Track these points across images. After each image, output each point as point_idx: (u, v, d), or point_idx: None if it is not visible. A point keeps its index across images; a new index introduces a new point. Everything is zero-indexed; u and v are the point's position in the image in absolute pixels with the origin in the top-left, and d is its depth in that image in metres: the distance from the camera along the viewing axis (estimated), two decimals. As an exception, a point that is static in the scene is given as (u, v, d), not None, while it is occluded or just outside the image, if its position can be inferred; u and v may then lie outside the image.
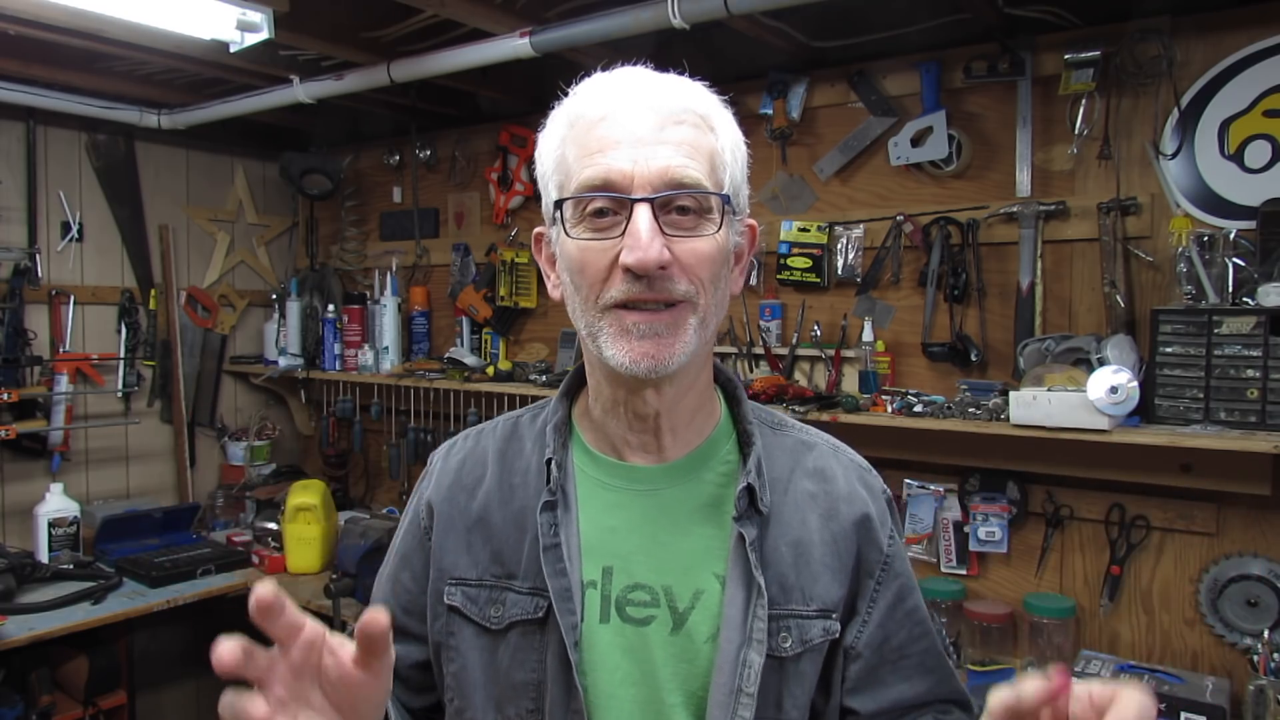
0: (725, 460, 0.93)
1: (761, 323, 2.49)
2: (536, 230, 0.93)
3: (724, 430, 0.95)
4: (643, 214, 0.78)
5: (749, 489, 0.88)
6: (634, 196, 0.79)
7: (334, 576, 2.61)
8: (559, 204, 0.84)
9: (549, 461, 0.91)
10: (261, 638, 0.65)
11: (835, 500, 0.93)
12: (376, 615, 0.65)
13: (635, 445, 0.92)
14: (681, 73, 0.87)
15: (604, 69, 0.87)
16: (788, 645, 0.87)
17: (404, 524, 1.02)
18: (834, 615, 0.90)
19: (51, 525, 2.82)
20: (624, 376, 0.84)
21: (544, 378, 2.76)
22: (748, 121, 1.37)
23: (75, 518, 2.88)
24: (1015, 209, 2.11)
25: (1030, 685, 0.62)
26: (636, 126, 0.81)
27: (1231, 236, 1.85)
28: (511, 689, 0.88)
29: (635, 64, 0.88)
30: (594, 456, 0.94)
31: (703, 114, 0.84)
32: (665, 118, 0.81)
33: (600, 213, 0.81)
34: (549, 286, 0.92)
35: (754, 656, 0.83)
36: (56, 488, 2.88)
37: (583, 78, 0.87)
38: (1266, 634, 1.78)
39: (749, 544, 0.86)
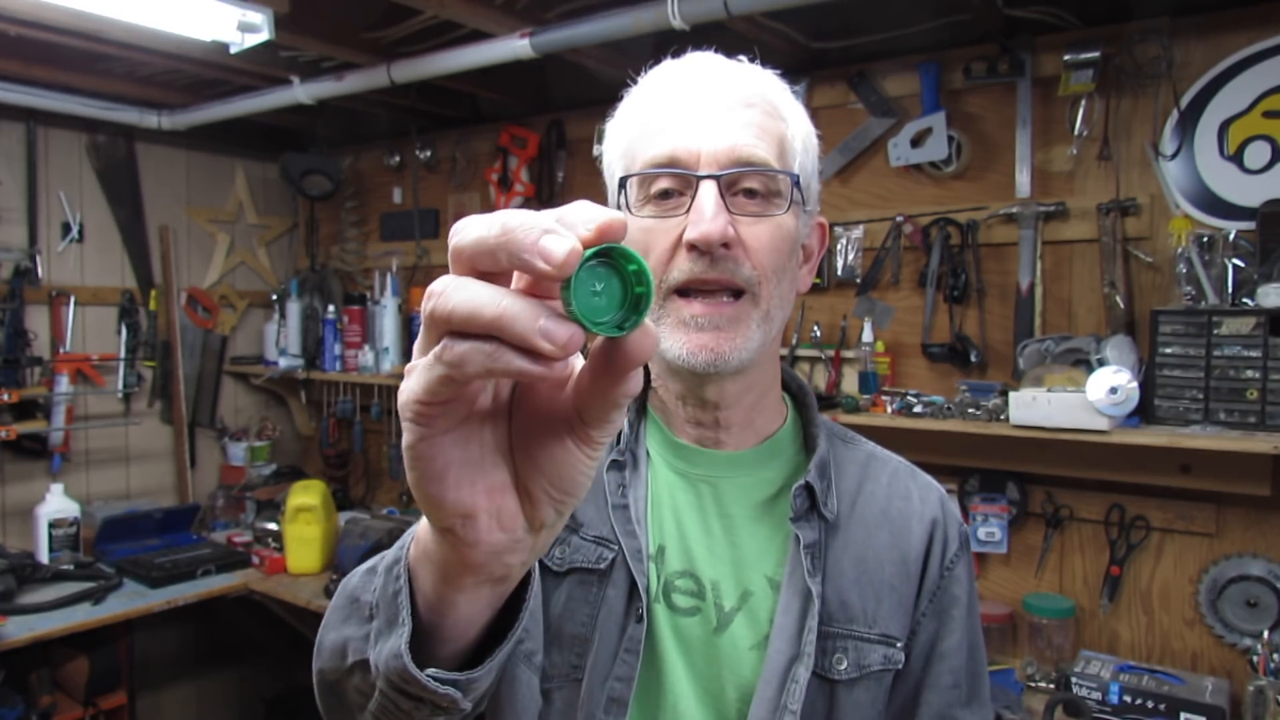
0: (790, 462, 0.90)
1: (761, 323, 2.49)
2: None
3: (789, 433, 0.91)
4: (708, 190, 0.77)
5: (807, 487, 0.83)
6: (700, 173, 0.77)
7: (334, 577, 2.61)
8: (623, 182, 0.82)
9: None
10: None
11: (909, 520, 0.87)
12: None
13: (693, 436, 0.89)
14: (753, 60, 0.86)
15: (673, 55, 0.86)
16: (843, 668, 0.80)
17: None
18: (898, 644, 0.83)
19: (52, 526, 2.82)
20: (683, 370, 0.81)
21: (544, 378, 2.76)
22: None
23: (75, 518, 2.88)
24: (1015, 210, 2.11)
25: None
26: (705, 107, 0.79)
27: (1231, 237, 1.85)
28: (558, 639, 0.84)
29: (707, 50, 0.87)
30: (662, 431, 0.91)
31: (774, 101, 0.83)
32: (735, 100, 0.80)
33: (665, 194, 0.80)
34: None
35: (802, 672, 0.78)
36: (57, 488, 2.88)
37: (653, 65, 0.87)
38: (1266, 634, 1.78)
39: (803, 547, 0.81)
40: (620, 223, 0.37)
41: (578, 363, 0.43)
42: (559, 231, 0.35)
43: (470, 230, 0.37)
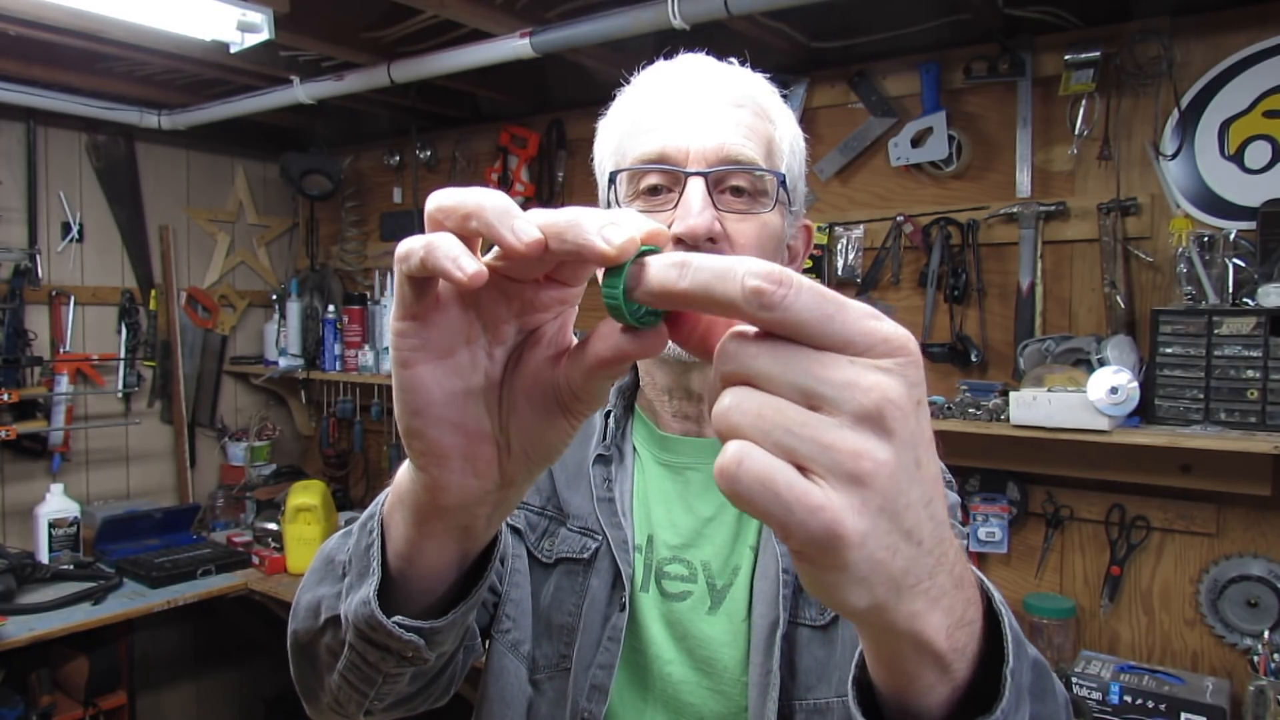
0: None
1: (761, 323, 2.48)
2: None
3: None
4: (695, 186, 0.79)
5: None
6: (688, 170, 0.80)
7: (334, 577, 2.61)
8: (613, 177, 0.84)
9: (607, 415, 0.93)
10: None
11: None
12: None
13: (679, 429, 0.92)
14: (744, 63, 0.88)
15: (665, 57, 0.88)
16: (813, 613, 0.82)
17: None
18: None
19: (52, 526, 2.82)
20: (669, 358, 0.84)
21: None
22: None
23: (75, 518, 2.88)
24: (1015, 209, 2.11)
25: None
26: (696, 106, 0.82)
27: (1231, 237, 1.85)
28: (548, 630, 0.87)
29: (696, 51, 0.88)
30: (649, 427, 0.94)
31: (763, 104, 0.85)
32: (725, 100, 0.82)
33: (654, 190, 0.82)
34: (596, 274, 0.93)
35: (782, 629, 0.80)
36: (57, 488, 2.89)
37: (647, 65, 0.88)
38: (1266, 634, 1.78)
39: None
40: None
41: (574, 336, 0.46)
42: (621, 224, 0.38)
43: (541, 214, 0.40)
